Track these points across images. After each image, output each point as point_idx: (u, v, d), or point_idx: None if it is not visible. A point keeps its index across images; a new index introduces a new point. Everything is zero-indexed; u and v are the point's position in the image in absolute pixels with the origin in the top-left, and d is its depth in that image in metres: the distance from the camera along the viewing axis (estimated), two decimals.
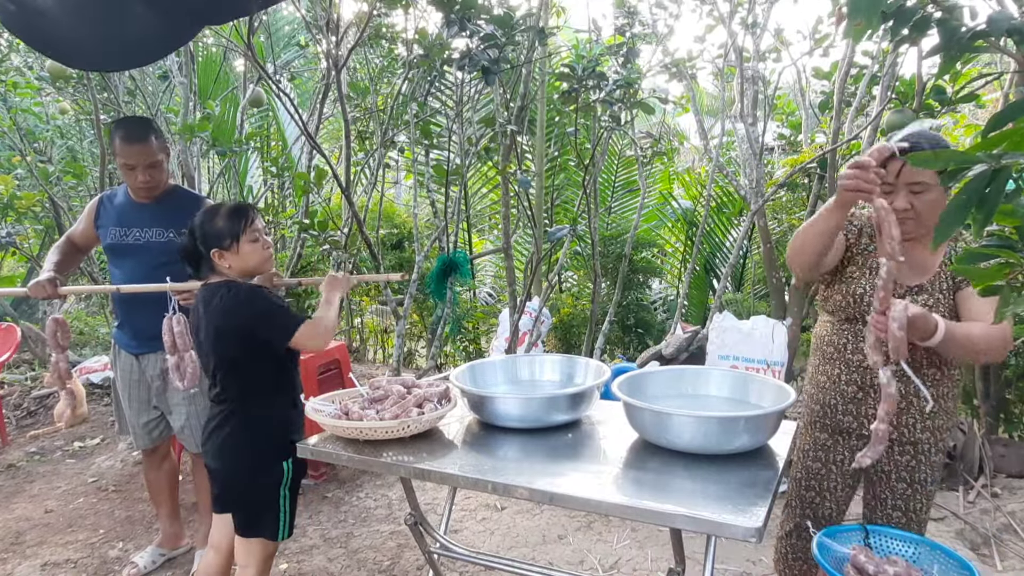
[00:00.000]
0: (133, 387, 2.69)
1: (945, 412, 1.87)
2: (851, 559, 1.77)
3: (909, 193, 1.71)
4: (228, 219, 1.98)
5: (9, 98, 5.38)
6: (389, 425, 1.78)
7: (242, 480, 2.03)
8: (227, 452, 2.04)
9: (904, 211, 1.71)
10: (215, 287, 1.99)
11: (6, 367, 5.47)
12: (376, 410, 1.88)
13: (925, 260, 1.81)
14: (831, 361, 1.94)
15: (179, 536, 2.98)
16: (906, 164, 1.67)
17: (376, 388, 2.02)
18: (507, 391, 2.17)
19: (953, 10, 1.68)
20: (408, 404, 1.87)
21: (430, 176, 4.74)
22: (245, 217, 2.00)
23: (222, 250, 1.98)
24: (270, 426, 2.04)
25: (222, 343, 1.97)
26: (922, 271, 1.81)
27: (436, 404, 1.92)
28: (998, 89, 4.28)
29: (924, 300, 1.79)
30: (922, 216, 1.73)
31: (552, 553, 2.93)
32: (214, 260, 2.00)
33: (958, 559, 1.78)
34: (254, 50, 3.59)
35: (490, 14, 3.29)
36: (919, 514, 1.94)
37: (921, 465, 1.89)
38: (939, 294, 1.78)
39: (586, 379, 2.15)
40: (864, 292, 1.83)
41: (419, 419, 1.81)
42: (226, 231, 1.97)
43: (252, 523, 2.04)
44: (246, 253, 2.00)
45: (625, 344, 6.13)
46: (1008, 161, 0.87)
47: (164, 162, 2.62)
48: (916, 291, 1.80)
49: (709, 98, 8.52)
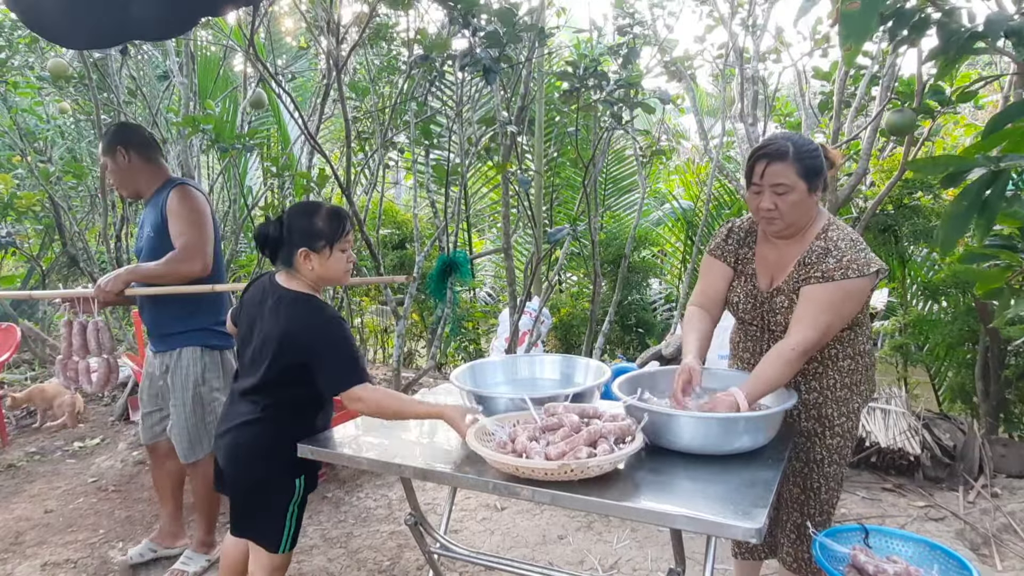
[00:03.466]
0: (145, 381, 2.84)
1: (835, 401, 1.97)
2: (851, 559, 1.78)
3: (773, 194, 1.82)
4: (328, 222, 1.91)
5: (9, 98, 5.37)
6: (548, 467, 1.49)
7: (250, 488, 1.98)
8: (242, 456, 1.97)
9: (769, 211, 1.84)
10: (299, 295, 1.91)
11: (6, 367, 5.47)
12: (547, 441, 1.60)
13: (786, 262, 1.94)
14: (733, 356, 2.20)
15: (176, 536, 2.97)
16: (769, 166, 1.80)
17: (551, 415, 1.73)
18: (507, 391, 2.17)
19: (952, 12, 1.69)
20: (578, 441, 1.57)
21: (430, 176, 4.74)
22: (343, 224, 1.94)
23: (312, 251, 1.90)
24: (289, 441, 1.94)
25: (281, 352, 1.87)
26: (781, 273, 1.95)
27: (612, 444, 1.58)
28: (998, 91, 4.29)
29: (781, 302, 1.92)
30: (786, 215, 1.84)
31: (552, 553, 2.93)
32: (298, 258, 1.90)
33: (958, 559, 1.78)
34: (255, 49, 3.58)
35: (491, 11, 3.29)
36: (818, 493, 2.02)
37: (815, 447, 2.00)
38: (792, 294, 1.90)
39: (586, 379, 2.15)
40: (738, 300, 2.03)
41: (584, 463, 1.49)
42: (323, 233, 1.90)
43: (248, 529, 2.01)
44: (334, 261, 1.93)
45: (625, 344, 6.13)
46: (1007, 164, 0.87)
47: (109, 165, 2.71)
48: (776, 293, 1.95)
49: (709, 98, 8.52)
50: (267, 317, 1.91)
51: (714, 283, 2.09)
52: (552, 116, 5.53)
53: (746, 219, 2.09)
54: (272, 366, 1.89)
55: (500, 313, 5.72)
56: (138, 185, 2.74)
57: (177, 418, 2.69)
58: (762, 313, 2.00)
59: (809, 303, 1.82)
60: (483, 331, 6.19)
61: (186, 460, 2.73)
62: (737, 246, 2.06)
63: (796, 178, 1.79)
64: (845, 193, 4.23)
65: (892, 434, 3.58)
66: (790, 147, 1.80)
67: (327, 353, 1.84)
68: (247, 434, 1.95)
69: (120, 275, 2.55)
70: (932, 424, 3.74)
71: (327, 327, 1.86)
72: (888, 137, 4.37)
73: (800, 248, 1.91)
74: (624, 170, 6.68)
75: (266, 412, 1.94)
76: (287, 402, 1.94)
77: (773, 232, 1.92)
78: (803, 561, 2.08)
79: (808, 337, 1.78)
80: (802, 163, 1.79)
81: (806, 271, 1.86)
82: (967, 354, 4.34)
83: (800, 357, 1.79)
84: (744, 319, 2.07)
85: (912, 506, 3.28)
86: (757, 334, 2.06)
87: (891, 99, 3.82)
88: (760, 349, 2.04)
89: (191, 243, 2.57)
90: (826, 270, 1.81)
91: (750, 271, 2.02)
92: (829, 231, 1.89)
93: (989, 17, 1.63)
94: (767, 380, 1.79)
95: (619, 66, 4.10)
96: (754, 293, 2.00)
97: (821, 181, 1.84)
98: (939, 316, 4.58)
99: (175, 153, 4.86)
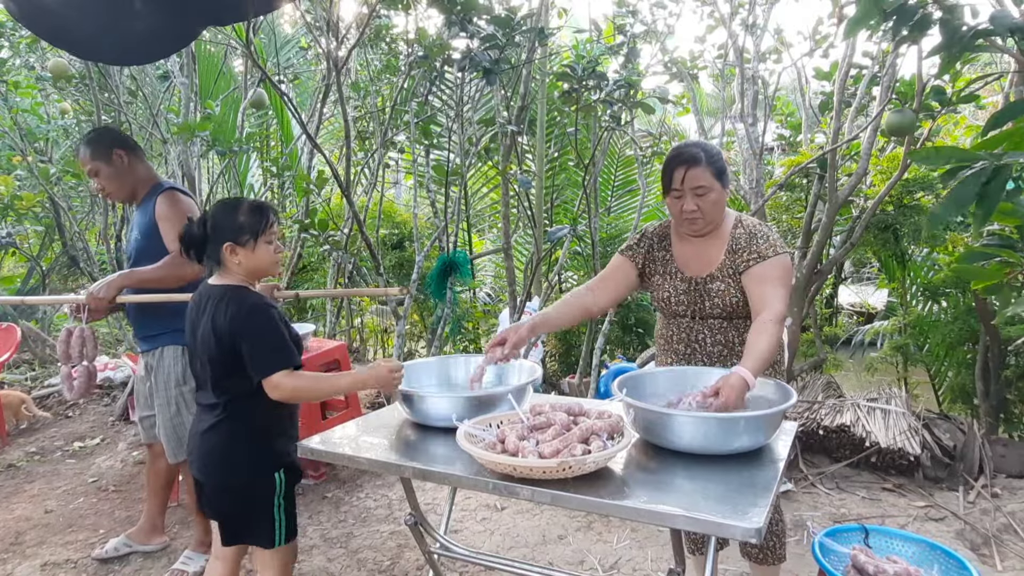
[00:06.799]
0: (138, 383, 2.87)
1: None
2: (851, 559, 1.77)
3: (695, 196, 1.98)
4: (250, 215, 1.93)
5: (10, 98, 5.38)
6: (547, 465, 1.49)
7: (230, 493, 1.96)
8: (215, 462, 1.95)
9: (692, 212, 2.00)
10: (226, 288, 1.93)
11: (6, 367, 5.47)
12: (536, 440, 1.58)
13: (711, 254, 2.09)
14: (664, 351, 2.23)
15: (151, 534, 2.97)
16: (688, 171, 1.96)
17: (538, 414, 1.73)
18: (436, 392, 2.13)
19: (954, 9, 1.69)
20: (572, 439, 1.57)
21: (430, 176, 4.74)
22: (266, 216, 1.96)
23: (237, 245, 1.92)
24: (259, 436, 1.94)
25: (218, 347, 1.88)
26: (709, 263, 2.08)
27: (604, 440, 1.59)
28: (998, 91, 4.28)
29: (718, 287, 2.05)
30: (707, 215, 2.01)
31: (552, 553, 2.93)
32: (224, 254, 1.92)
33: (958, 559, 1.78)
34: (254, 50, 3.58)
35: (491, 15, 3.29)
36: None
37: None
38: (728, 279, 2.04)
39: (520, 378, 2.14)
40: (669, 295, 2.13)
41: (582, 459, 1.49)
42: (246, 226, 1.92)
43: (240, 534, 1.99)
44: (260, 253, 1.95)
45: (625, 344, 6.13)
46: (1009, 160, 0.87)
47: (103, 170, 2.66)
48: (709, 280, 2.07)
49: (709, 98, 8.52)
50: (203, 318, 1.93)
51: (613, 275, 2.22)
52: (553, 116, 5.53)
53: (658, 225, 2.24)
54: (215, 363, 1.90)
55: (500, 313, 5.72)
56: (134, 188, 2.72)
57: (162, 418, 2.69)
58: (696, 301, 2.10)
59: (762, 282, 1.96)
60: (483, 331, 6.18)
61: (174, 459, 2.72)
62: (649, 249, 2.20)
63: (712, 179, 1.98)
64: (845, 193, 4.23)
65: (892, 434, 3.58)
66: (701, 153, 1.98)
67: (249, 340, 1.86)
68: (214, 439, 1.94)
69: (113, 281, 2.52)
70: (932, 424, 3.74)
71: (250, 315, 1.87)
72: (888, 138, 4.37)
73: (720, 241, 2.07)
74: (632, 173, 6.67)
75: (226, 411, 1.93)
76: (243, 396, 1.93)
77: (694, 231, 2.07)
78: (768, 550, 2.14)
79: (777, 309, 1.90)
80: (714, 165, 1.98)
81: (739, 256, 2.03)
82: (967, 354, 4.34)
83: (778, 324, 1.89)
84: (676, 312, 2.15)
85: (912, 506, 3.28)
86: (689, 323, 2.15)
87: (891, 99, 3.82)
88: (694, 338, 2.14)
89: None
90: (760, 251, 2.00)
91: (672, 269, 2.14)
92: (743, 221, 2.08)
93: (994, 14, 1.63)
94: (762, 351, 1.82)
95: (620, 66, 4.10)
96: (685, 284, 2.11)
97: (727, 179, 2.04)
98: (939, 316, 4.58)
99: (175, 153, 4.86)
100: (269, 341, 1.88)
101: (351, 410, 3.88)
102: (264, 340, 1.87)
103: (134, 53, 3.10)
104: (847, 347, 6.11)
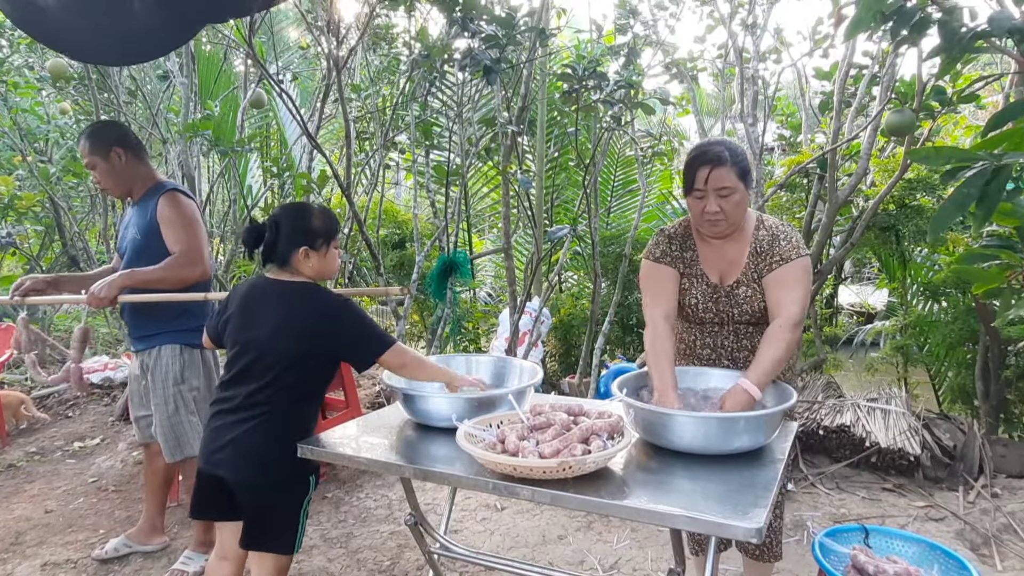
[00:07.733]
0: (133, 382, 2.85)
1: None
2: (851, 559, 1.78)
3: (718, 197, 1.92)
4: (324, 220, 2.01)
5: (9, 98, 5.38)
6: (547, 465, 1.49)
7: (266, 493, 1.93)
8: (254, 463, 1.91)
9: (715, 213, 1.93)
10: (302, 285, 1.97)
11: (6, 367, 5.47)
12: (536, 440, 1.58)
13: (734, 257, 2.04)
14: (686, 357, 2.17)
15: (151, 534, 2.97)
16: (713, 171, 1.89)
17: (538, 414, 1.73)
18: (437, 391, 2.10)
19: (953, 11, 1.69)
20: (572, 439, 1.57)
21: (430, 176, 4.74)
22: (336, 223, 2.07)
23: (311, 249, 1.97)
24: (298, 438, 1.91)
25: (296, 339, 1.89)
26: (734, 266, 2.04)
27: (604, 440, 1.58)
28: (998, 91, 4.28)
29: (743, 293, 2.01)
30: (730, 216, 1.95)
31: (552, 553, 2.93)
32: (297, 257, 1.95)
33: (958, 559, 1.78)
34: (255, 50, 3.59)
35: (492, 15, 3.30)
36: None
37: None
38: (754, 284, 2.00)
39: (520, 380, 2.14)
40: (697, 301, 2.08)
41: (582, 460, 1.49)
42: (321, 231, 1.98)
43: (267, 537, 1.96)
44: (331, 257, 2.03)
45: (625, 344, 6.12)
46: (1009, 160, 0.87)
47: (99, 166, 2.65)
48: (735, 286, 2.02)
49: (709, 98, 8.52)
50: (274, 312, 1.93)
51: (670, 287, 2.09)
52: (554, 116, 5.53)
53: (678, 224, 2.16)
54: (284, 354, 1.89)
55: (500, 313, 5.71)
56: (132, 185, 2.72)
57: (159, 417, 2.67)
58: (724, 307, 2.06)
59: (783, 285, 1.93)
60: (483, 331, 6.18)
61: (172, 459, 2.70)
62: (680, 250, 2.11)
63: (736, 180, 1.91)
64: (845, 193, 4.23)
65: (892, 434, 3.58)
66: (726, 152, 1.91)
67: (352, 329, 1.94)
68: (256, 438, 1.90)
69: (115, 281, 2.50)
70: (932, 424, 3.74)
71: (345, 308, 1.95)
72: (888, 138, 4.38)
73: (742, 243, 2.02)
74: (632, 173, 6.68)
75: (272, 411, 1.90)
76: (291, 397, 1.93)
77: (716, 233, 2.01)
78: (765, 548, 2.15)
79: (793, 312, 1.88)
80: (739, 165, 1.92)
81: (762, 260, 1.98)
82: (967, 354, 4.34)
83: (792, 330, 1.87)
84: (703, 318, 2.10)
85: (912, 506, 3.28)
86: (716, 329, 2.11)
87: (891, 99, 3.82)
88: (720, 343, 2.10)
89: (191, 248, 2.58)
90: (783, 254, 1.95)
91: (698, 272, 2.08)
92: (764, 221, 2.03)
93: (992, 16, 1.63)
94: (771, 360, 1.81)
95: (621, 66, 4.10)
96: (712, 290, 2.07)
97: (751, 180, 1.98)
98: (939, 316, 4.58)
99: (175, 153, 4.86)
100: (370, 327, 1.98)
101: (351, 410, 3.88)
102: (367, 327, 1.97)
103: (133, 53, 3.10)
104: (847, 347, 6.11)
